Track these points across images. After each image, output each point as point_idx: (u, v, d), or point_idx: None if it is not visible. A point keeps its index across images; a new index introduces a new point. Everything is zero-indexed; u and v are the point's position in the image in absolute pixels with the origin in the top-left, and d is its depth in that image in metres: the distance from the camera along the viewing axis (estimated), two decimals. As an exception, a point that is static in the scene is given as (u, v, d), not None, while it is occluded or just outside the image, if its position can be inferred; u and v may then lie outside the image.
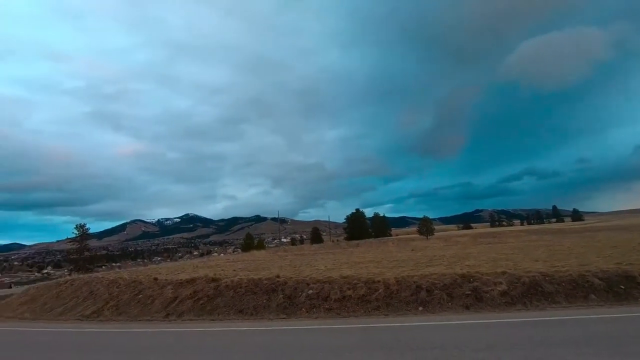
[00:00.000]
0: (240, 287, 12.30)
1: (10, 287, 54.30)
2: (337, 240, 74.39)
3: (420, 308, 9.39)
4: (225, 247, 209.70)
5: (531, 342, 5.89)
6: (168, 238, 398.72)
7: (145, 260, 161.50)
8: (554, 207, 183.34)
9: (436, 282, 10.13)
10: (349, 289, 10.71)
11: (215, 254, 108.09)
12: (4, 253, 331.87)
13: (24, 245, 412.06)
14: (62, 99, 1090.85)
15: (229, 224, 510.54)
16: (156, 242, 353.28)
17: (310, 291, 11.03)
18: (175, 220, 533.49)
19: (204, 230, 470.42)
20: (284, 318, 9.97)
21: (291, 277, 12.21)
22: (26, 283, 62.81)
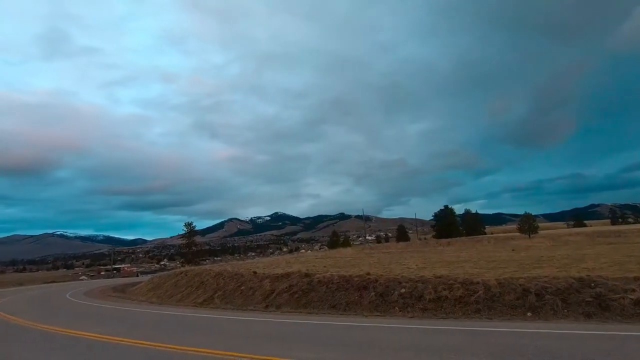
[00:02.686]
0: (332, 283, 12.66)
1: (137, 276, 64.43)
2: (425, 239, 71.48)
3: (529, 314, 8.51)
4: (312, 244, 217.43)
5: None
6: (260, 235, 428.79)
7: (242, 255, 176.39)
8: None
9: (547, 285, 9.07)
10: (444, 289, 10.23)
11: (303, 250, 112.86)
12: (132, 247, 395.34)
13: (146, 240, 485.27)
14: (170, 114, 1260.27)
15: (314, 221, 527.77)
16: (250, 238, 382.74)
17: (403, 290, 10.83)
18: (266, 218, 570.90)
19: (292, 228, 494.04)
20: (378, 315, 9.97)
21: (382, 275, 12.14)
22: (149, 273, 73.70)
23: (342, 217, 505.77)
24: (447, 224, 67.77)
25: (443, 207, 70.98)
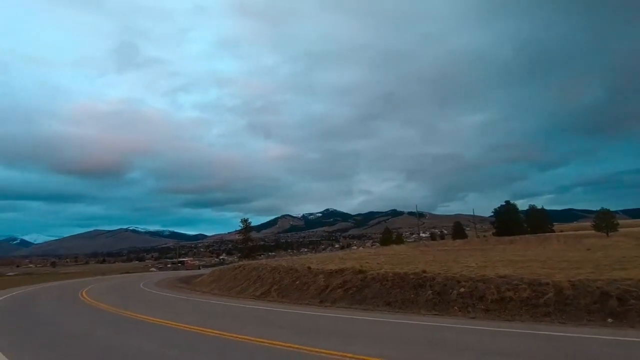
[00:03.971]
0: (387, 280, 12.50)
1: (199, 269, 68.73)
2: (484, 236, 67.63)
3: (610, 320, 7.70)
4: (364, 240, 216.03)
5: None
6: (312, 231, 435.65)
7: (295, 251, 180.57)
8: None
9: (632, 289, 8.14)
10: (508, 289, 9.63)
11: (355, 247, 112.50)
12: (194, 241, 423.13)
13: (206, 236, 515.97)
14: (226, 116, 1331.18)
15: (365, 218, 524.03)
16: (302, 234, 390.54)
17: (462, 289, 10.38)
18: (317, 214, 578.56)
19: (343, 224, 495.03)
20: (435, 314, 9.66)
21: (439, 273, 11.74)
22: (210, 266, 78.28)
23: (394, 213, 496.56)
24: (509, 221, 63.41)
25: (504, 203, 66.56)
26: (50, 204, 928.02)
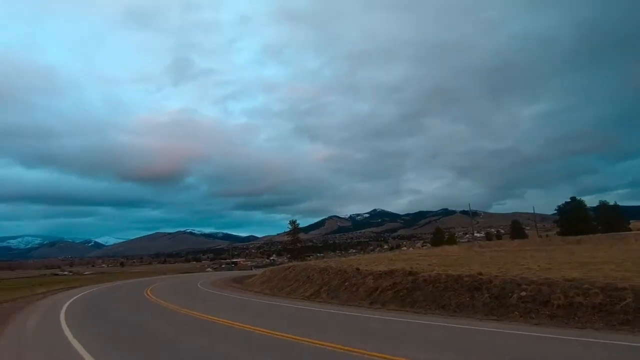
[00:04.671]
0: (439, 283, 12.01)
1: (251, 269, 71.19)
2: (547, 236, 62.63)
3: None
4: (414, 241, 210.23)
5: None
6: (359, 232, 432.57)
7: (342, 252, 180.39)
8: None
9: None
10: (577, 294, 8.79)
11: (404, 247, 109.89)
12: (245, 243, 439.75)
13: (257, 237, 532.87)
14: (273, 121, 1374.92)
15: (415, 218, 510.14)
16: (350, 235, 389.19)
17: (524, 293, 9.66)
18: (364, 215, 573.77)
19: (391, 225, 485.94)
20: (493, 319, 9.09)
21: (496, 276, 11.04)
22: (261, 266, 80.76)
23: (446, 212, 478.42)
24: (575, 219, 58.04)
25: (569, 199, 61.16)
26: (119, 209, 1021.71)
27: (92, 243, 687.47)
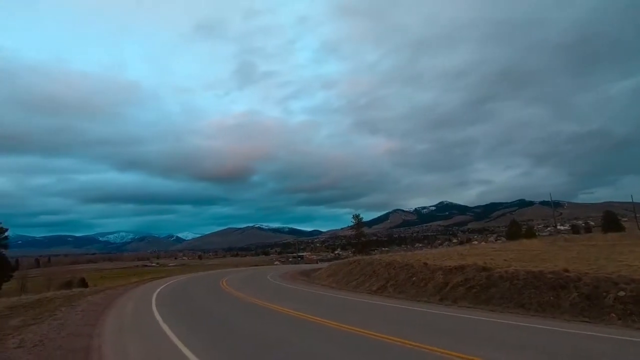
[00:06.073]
0: (517, 279, 11.12)
1: (317, 263, 72.73)
2: (649, 228, 54.39)
3: None
4: (486, 235, 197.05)
5: None
6: (425, 226, 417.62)
7: (408, 246, 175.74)
8: None
9: None
10: (693, 296, 7.53)
11: (475, 242, 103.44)
12: (310, 237, 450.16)
13: (321, 232, 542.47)
14: (333, 117, 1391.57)
15: (486, 210, 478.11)
16: (415, 229, 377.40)
17: (622, 293, 8.53)
18: (430, 208, 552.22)
19: (460, 218, 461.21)
20: (585, 321, 8.16)
21: (586, 273, 9.90)
22: (327, 260, 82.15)
23: (522, 204, 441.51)
24: (687, 208, 49.62)
25: (678, 186, 52.38)
26: (195, 206, 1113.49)
27: (174, 238, 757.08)
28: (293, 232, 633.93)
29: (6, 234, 38.04)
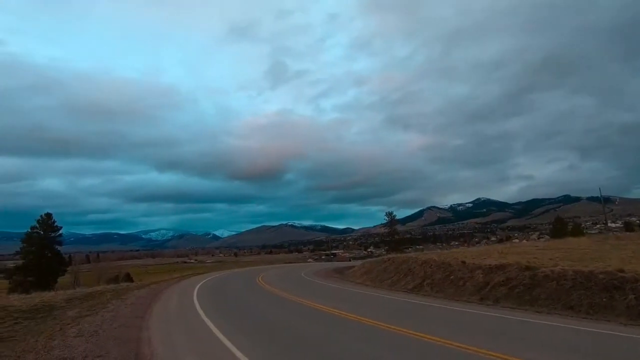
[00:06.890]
0: (565, 280, 10.54)
1: (350, 261, 72.60)
2: None
3: None
4: (527, 232, 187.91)
5: None
6: (462, 223, 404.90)
7: (444, 244, 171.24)
8: None
9: None
10: None
11: (516, 240, 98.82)
12: (342, 235, 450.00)
13: (354, 229, 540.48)
14: (365, 114, 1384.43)
15: (527, 207, 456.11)
16: (451, 227, 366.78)
17: (686, 295, 7.85)
18: (467, 205, 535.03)
19: (499, 215, 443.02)
20: (643, 326, 7.61)
21: (644, 274, 9.20)
22: (359, 258, 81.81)
23: (567, 200, 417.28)
24: None
25: None
26: (231, 204, 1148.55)
27: (211, 235, 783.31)
28: (325, 229, 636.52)
29: (60, 232, 41.08)
